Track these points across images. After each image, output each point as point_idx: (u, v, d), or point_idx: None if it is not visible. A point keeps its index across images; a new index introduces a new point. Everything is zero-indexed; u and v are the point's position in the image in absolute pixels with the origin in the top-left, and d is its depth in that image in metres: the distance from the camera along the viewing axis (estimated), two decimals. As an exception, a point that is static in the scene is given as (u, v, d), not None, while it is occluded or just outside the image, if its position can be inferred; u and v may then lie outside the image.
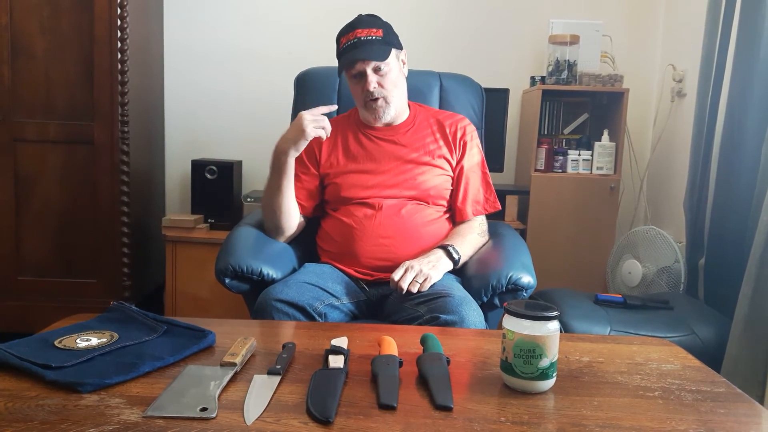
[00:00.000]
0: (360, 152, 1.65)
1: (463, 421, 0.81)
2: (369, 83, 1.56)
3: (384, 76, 1.57)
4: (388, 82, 1.58)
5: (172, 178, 2.91)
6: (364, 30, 1.55)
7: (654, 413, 0.86)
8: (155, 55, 2.76)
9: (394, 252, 1.53)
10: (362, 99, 1.60)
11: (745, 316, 1.74)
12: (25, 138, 2.36)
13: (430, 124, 1.69)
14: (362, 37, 1.54)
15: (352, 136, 1.67)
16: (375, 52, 1.54)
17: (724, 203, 2.02)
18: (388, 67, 1.57)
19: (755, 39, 1.91)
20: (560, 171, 2.55)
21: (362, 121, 1.69)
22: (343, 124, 1.70)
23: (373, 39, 1.54)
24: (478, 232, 1.67)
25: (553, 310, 0.92)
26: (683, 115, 2.54)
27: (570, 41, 2.50)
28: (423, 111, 1.73)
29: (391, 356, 0.97)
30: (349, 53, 1.54)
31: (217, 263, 1.49)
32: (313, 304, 1.36)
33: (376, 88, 1.56)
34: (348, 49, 1.55)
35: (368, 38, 1.54)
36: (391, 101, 1.60)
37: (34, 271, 2.44)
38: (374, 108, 1.60)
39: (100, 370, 0.90)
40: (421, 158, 1.63)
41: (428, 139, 1.66)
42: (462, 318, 1.28)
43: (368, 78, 1.55)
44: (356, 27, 1.57)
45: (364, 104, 1.61)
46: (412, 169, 1.61)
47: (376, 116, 1.62)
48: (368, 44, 1.54)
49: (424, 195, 1.60)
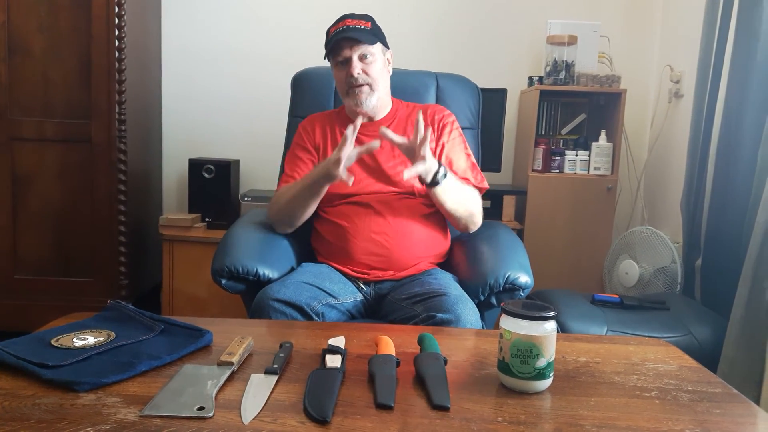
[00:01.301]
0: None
1: (460, 421, 0.81)
2: (353, 68, 1.56)
3: (369, 64, 1.58)
4: (373, 70, 1.59)
5: (169, 177, 2.91)
6: (353, 21, 1.58)
7: (650, 413, 0.86)
8: (153, 54, 2.75)
9: (388, 248, 1.54)
10: (345, 86, 1.61)
11: (742, 317, 1.75)
12: (22, 136, 2.36)
13: (410, 116, 1.68)
14: (351, 26, 1.57)
15: (339, 131, 1.67)
16: (360, 35, 1.55)
17: (721, 204, 2.02)
18: (373, 57, 1.59)
19: (752, 40, 1.91)
20: (557, 171, 2.55)
21: (347, 116, 1.69)
22: (333, 120, 1.72)
23: (362, 28, 1.57)
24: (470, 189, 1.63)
25: (550, 310, 0.92)
26: (680, 116, 2.54)
27: (568, 42, 2.51)
28: (404, 106, 1.73)
29: (389, 356, 0.97)
30: (337, 36, 1.56)
31: (213, 264, 1.49)
32: (311, 304, 1.36)
33: (360, 74, 1.57)
34: (336, 34, 1.56)
35: (356, 27, 1.57)
36: (375, 89, 1.61)
37: (31, 270, 2.44)
38: (356, 93, 1.59)
39: (97, 369, 0.90)
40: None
41: (410, 131, 1.64)
42: (458, 316, 1.29)
43: (353, 63, 1.56)
44: (345, 18, 1.60)
45: (347, 91, 1.61)
46: (397, 164, 1.60)
47: (357, 102, 1.60)
48: (356, 31, 1.56)
49: (409, 188, 1.59)
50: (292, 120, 1.93)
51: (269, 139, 2.69)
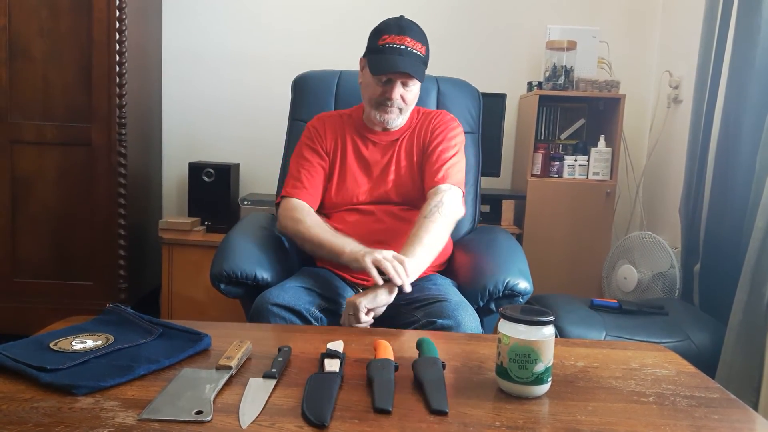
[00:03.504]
0: (357, 156, 1.64)
1: (458, 426, 0.81)
2: (394, 92, 1.53)
3: (409, 91, 1.56)
4: (410, 96, 1.57)
5: (169, 181, 2.91)
6: (413, 41, 1.50)
7: (648, 419, 0.86)
8: (153, 58, 2.76)
9: None
10: (377, 100, 1.56)
11: (740, 322, 1.75)
12: (22, 140, 2.36)
13: (422, 127, 1.67)
14: (410, 48, 1.49)
15: (350, 138, 1.65)
16: (417, 71, 1.50)
17: (720, 209, 2.03)
18: (416, 87, 1.57)
19: (751, 46, 1.92)
20: (556, 176, 2.56)
21: (363, 123, 1.67)
22: (345, 124, 1.67)
23: (418, 55, 1.51)
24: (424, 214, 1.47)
25: (548, 315, 0.92)
26: (679, 121, 2.55)
27: (567, 47, 2.51)
28: (418, 114, 1.70)
29: (387, 360, 0.97)
30: (393, 57, 1.48)
31: (212, 268, 1.48)
32: (310, 309, 1.36)
33: (397, 99, 1.54)
34: (392, 51, 1.49)
35: (414, 51, 1.50)
36: (404, 112, 1.60)
37: (30, 273, 2.44)
38: (386, 111, 1.56)
39: (96, 372, 0.89)
40: (415, 164, 1.62)
41: (423, 141, 1.64)
42: (458, 322, 1.29)
43: (395, 88, 1.53)
44: (406, 33, 1.51)
45: (377, 104, 1.57)
46: (406, 176, 1.61)
47: (384, 120, 1.58)
48: (413, 58, 1.49)
49: (414, 200, 1.59)
50: (292, 123, 1.93)
51: (269, 143, 2.70)
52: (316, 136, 1.66)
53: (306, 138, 1.67)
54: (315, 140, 1.65)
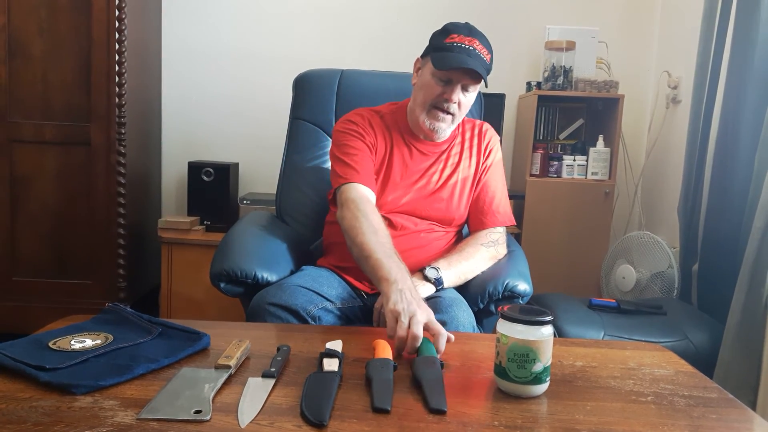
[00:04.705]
0: (396, 162, 1.56)
1: (457, 425, 0.81)
2: (453, 95, 1.45)
3: (467, 97, 1.49)
4: (465, 106, 1.51)
5: (168, 180, 2.91)
6: (481, 46, 1.44)
7: (646, 418, 0.86)
8: (153, 57, 2.76)
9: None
10: (432, 102, 1.48)
11: (738, 322, 1.75)
12: (21, 139, 2.36)
13: (473, 142, 1.62)
14: (477, 51, 1.43)
15: (395, 141, 1.57)
16: (482, 72, 1.43)
17: (718, 209, 2.03)
18: (474, 94, 1.51)
19: (750, 46, 1.92)
20: (555, 176, 2.56)
21: (408, 127, 1.58)
22: (390, 127, 1.58)
23: (484, 60, 1.45)
24: (484, 242, 1.53)
25: (547, 315, 0.92)
26: (678, 121, 2.55)
27: (566, 47, 2.52)
28: (464, 127, 1.64)
29: (386, 360, 0.97)
30: (461, 55, 1.41)
31: (212, 267, 1.48)
32: (306, 308, 1.35)
33: (455, 105, 1.48)
34: (459, 50, 1.42)
35: (481, 55, 1.44)
36: (456, 121, 1.53)
37: (30, 272, 2.44)
38: (437, 118, 1.48)
39: (95, 371, 0.89)
40: (454, 180, 1.58)
41: (464, 156, 1.59)
42: (452, 317, 1.29)
43: (455, 90, 1.45)
44: (476, 36, 1.45)
45: (430, 107, 1.49)
46: (442, 191, 1.56)
47: (434, 128, 1.50)
48: (479, 61, 1.43)
49: (448, 219, 1.56)
50: (292, 122, 1.92)
51: (269, 143, 2.70)
52: (364, 127, 1.54)
53: (351, 126, 1.54)
54: (362, 132, 1.53)
